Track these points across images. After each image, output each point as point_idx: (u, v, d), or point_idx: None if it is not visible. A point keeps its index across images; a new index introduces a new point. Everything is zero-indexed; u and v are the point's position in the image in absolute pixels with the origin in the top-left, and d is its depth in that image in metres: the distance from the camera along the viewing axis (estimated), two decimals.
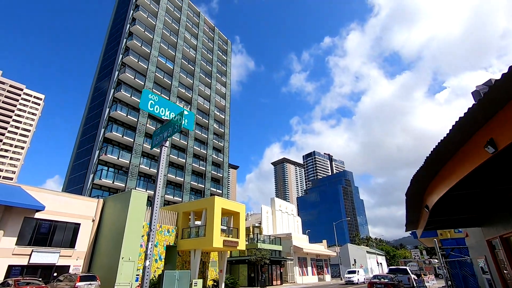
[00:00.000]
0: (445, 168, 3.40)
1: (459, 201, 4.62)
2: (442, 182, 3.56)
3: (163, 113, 5.04)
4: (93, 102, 40.15)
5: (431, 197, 4.29)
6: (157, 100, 5.02)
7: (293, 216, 55.54)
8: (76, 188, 32.42)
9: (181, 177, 41.84)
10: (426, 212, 4.65)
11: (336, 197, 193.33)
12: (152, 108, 4.87)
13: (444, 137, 2.81)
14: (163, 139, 4.83)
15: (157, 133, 5.28)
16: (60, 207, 22.51)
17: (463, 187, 3.47)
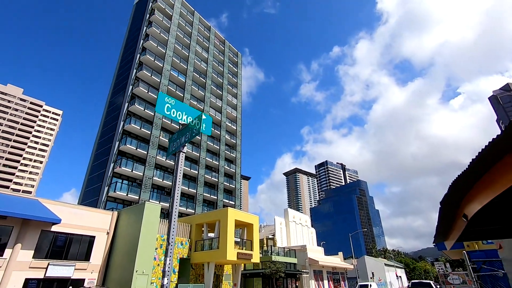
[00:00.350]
0: (492, 171, 3.06)
1: (503, 209, 4.21)
2: (488, 188, 3.22)
3: (180, 117, 4.87)
4: (108, 116, 41.09)
5: (471, 206, 3.91)
6: (173, 103, 4.88)
7: (307, 227, 54.34)
8: (91, 201, 32.83)
9: (194, 189, 41.82)
10: (463, 222, 4.25)
11: (350, 208, 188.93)
12: (168, 112, 4.71)
13: (495, 137, 2.50)
14: (180, 144, 4.64)
15: (174, 138, 5.10)
16: (75, 220, 22.70)
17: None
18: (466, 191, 3.83)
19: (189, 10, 54.44)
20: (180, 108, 5.00)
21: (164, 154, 39.63)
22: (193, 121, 4.67)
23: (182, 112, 5.02)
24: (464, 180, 3.34)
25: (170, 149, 5.19)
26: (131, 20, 51.50)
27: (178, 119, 4.88)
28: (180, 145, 4.65)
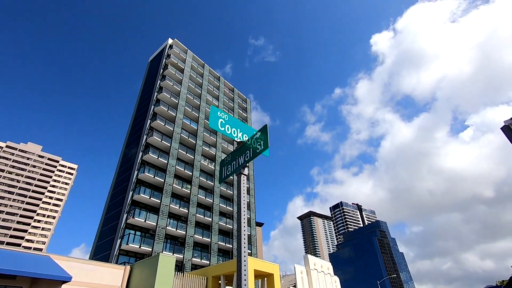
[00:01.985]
0: None
1: None
2: None
3: (235, 134, 4.45)
4: (122, 167, 41.55)
5: None
6: (227, 119, 4.49)
7: (330, 275, 50.17)
8: (103, 255, 31.53)
9: (208, 237, 40.04)
10: None
11: (372, 251, 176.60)
12: (223, 128, 4.27)
13: None
14: (240, 166, 4.10)
15: (227, 161, 4.56)
16: (86, 277, 21.45)
17: None
18: None
19: (199, 63, 58.08)
20: (235, 125, 4.57)
21: (177, 202, 38.88)
22: (249, 140, 4.16)
23: (237, 129, 4.55)
24: None
25: (224, 173, 4.58)
26: (146, 75, 54.99)
27: (233, 136, 4.44)
28: (240, 166, 4.11)
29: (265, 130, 3.88)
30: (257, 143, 3.94)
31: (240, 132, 4.46)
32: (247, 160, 3.95)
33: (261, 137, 3.93)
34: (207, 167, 46.37)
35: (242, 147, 4.23)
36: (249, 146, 4.06)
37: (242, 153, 4.13)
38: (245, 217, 3.38)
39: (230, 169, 4.32)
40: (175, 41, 53.98)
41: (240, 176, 3.87)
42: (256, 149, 3.90)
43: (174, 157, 41.14)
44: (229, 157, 4.49)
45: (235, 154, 4.33)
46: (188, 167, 42.85)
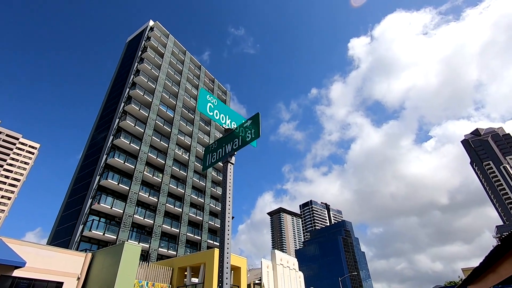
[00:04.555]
0: None
1: None
2: None
3: (223, 120, 4.17)
4: (90, 150, 39.43)
5: None
6: (216, 104, 4.19)
7: (295, 271, 51.41)
8: (63, 241, 29.85)
9: (177, 228, 39.29)
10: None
11: (336, 249, 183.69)
12: (211, 112, 3.96)
13: None
14: (227, 154, 3.83)
15: (213, 148, 4.27)
16: (42, 263, 20.14)
17: None
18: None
19: (181, 49, 56.29)
20: (224, 111, 4.29)
21: (147, 190, 37.67)
22: (237, 128, 3.91)
23: (226, 116, 4.27)
24: None
25: (208, 160, 4.25)
26: (123, 56, 52.36)
27: (222, 122, 4.15)
28: (227, 154, 3.85)
29: (257, 119, 3.69)
30: (247, 132, 3.73)
31: (229, 119, 4.23)
32: (235, 148, 3.72)
33: (251, 126, 3.72)
34: (181, 156, 45.31)
35: (230, 134, 3.99)
36: (238, 135, 3.83)
37: (230, 141, 3.89)
38: (230, 208, 3.19)
39: (216, 157, 4.06)
40: (156, 24, 51.79)
41: (227, 164, 3.64)
42: (246, 138, 3.69)
43: (147, 144, 39.70)
44: (215, 144, 4.24)
45: (222, 141, 4.08)
46: (161, 155, 41.60)
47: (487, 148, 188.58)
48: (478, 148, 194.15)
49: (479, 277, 6.11)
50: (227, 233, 2.94)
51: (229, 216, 3.12)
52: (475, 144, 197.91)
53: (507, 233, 3.67)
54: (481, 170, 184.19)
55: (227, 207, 3.16)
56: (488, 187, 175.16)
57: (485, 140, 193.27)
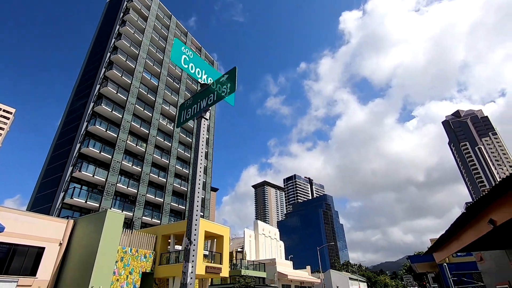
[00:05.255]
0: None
1: None
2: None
3: (199, 75, 3.93)
4: (69, 116, 37.91)
5: (502, 211, 3.54)
6: (192, 57, 3.93)
7: (276, 240, 53.71)
8: (43, 207, 29.45)
9: (161, 198, 39.50)
10: (487, 227, 3.89)
11: (316, 222, 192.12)
12: (186, 65, 3.70)
13: None
14: (202, 109, 3.65)
15: (188, 104, 4.07)
16: (22, 229, 19.94)
17: None
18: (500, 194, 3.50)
19: (166, 13, 53.20)
20: (200, 65, 4.02)
21: (130, 159, 37.14)
22: (213, 84, 3.69)
23: (202, 70, 4.01)
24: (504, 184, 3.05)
25: (183, 117, 4.05)
26: (102, 18, 48.99)
27: (197, 76, 3.91)
28: (201, 109, 3.67)
29: (234, 73, 3.49)
30: (223, 86, 3.54)
31: (205, 74, 3.97)
32: (210, 103, 3.55)
33: (227, 80, 3.53)
34: (165, 127, 44.48)
35: (206, 90, 3.78)
36: (214, 90, 3.64)
37: (205, 97, 3.69)
38: (201, 164, 3.08)
39: (190, 113, 3.87)
40: None
41: (200, 120, 3.47)
42: (222, 93, 3.51)
43: (130, 112, 38.52)
44: (190, 100, 4.03)
45: (197, 97, 3.87)
46: (144, 125, 40.64)
47: (465, 130, 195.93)
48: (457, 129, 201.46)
49: (443, 245, 6.51)
50: (197, 188, 2.86)
51: (200, 171, 3.03)
52: (454, 125, 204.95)
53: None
54: (458, 151, 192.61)
55: (199, 161, 3.05)
56: (463, 167, 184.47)
57: (464, 122, 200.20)
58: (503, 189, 3.46)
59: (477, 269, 10.10)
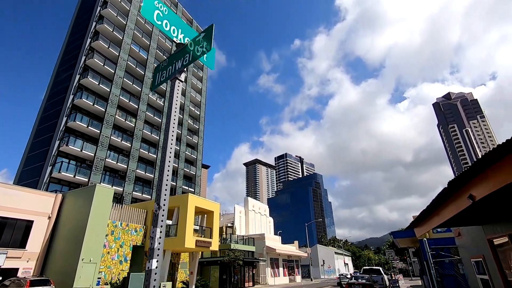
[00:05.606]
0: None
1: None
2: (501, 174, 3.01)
3: (174, 33, 3.63)
4: (54, 88, 36.56)
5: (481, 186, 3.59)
6: (166, 13, 3.60)
7: (266, 216, 55.02)
8: (30, 181, 29.09)
9: (151, 173, 39.47)
10: (466, 202, 3.96)
11: (306, 199, 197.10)
12: (159, 21, 3.36)
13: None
14: (176, 70, 3.45)
15: (163, 66, 3.82)
16: (9, 202, 19.78)
17: None
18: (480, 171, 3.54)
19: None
20: (175, 22, 3.68)
21: (119, 134, 36.54)
22: (190, 43, 3.42)
23: (178, 29, 3.64)
24: (487, 159, 3.08)
25: (158, 79, 3.79)
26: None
27: (172, 35, 3.60)
28: (176, 71, 3.45)
29: (210, 31, 3.21)
30: (199, 46, 3.29)
31: (182, 34, 3.62)
32: (185, 64, 3.30)
33: (204, 39, 3.28)
34: (155, 102, 43.54)
35: (182, 50, 3.50)
36: (189, 50, 3.38)
37: (181, 57, 3.42)
38: (174, 130, 2.93)
39: (165, 75, 3.61)
40: None
41: (175, 81, 3.26)
42: (197, 53, 3.27)
43: (118, 86, 37.36)
44: (165, 62, 3.76)
45: (173, 58, 3.59)
46: (133, 99, 39.65)
47: (454, 112, 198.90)
48: (446, 112, 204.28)
49: (424, 220, 6.72)
50: (168, 153, 2.74)
51: (172, 136, 2.91)
52: (444, 108, 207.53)
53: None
54: (446, 133, 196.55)
55: (171, 126, 2.90)
56: (449, 148, 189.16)
57: (454, 104, 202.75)
58: (483, 165, 3.49)
59: (454, 244, 10.58)
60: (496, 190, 3.49)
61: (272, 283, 38.84)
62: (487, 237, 7.54)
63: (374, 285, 19.30)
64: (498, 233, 6.93)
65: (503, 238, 6.75)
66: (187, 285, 25.91)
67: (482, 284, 8.68)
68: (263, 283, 37.91)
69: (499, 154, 3.03)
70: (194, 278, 25.98)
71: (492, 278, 7.87)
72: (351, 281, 19.33)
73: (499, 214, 6.82)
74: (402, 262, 69.17)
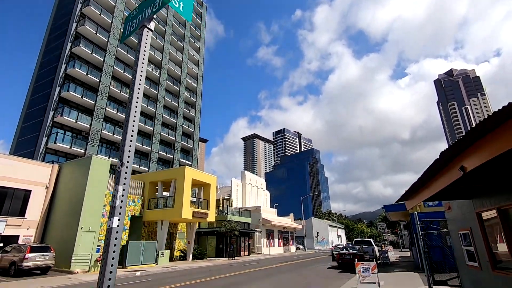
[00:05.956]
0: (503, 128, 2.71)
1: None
2: (493, 143, 2.92)
3: None
4: (46, 57, 35.38)
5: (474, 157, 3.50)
6: None
7: (262, 190, 56.03)
8: (26, 152, 29.02)
9: (148, 146, 39.46)
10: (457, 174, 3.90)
11: (302, 174, 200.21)
12: None
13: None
14: (145, 17, 3.20)
15: (133, 16, 3.52)
16: (6, 172, 19.86)
17: None
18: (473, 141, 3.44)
19: None
20: None
21: (115, 106, 36.02)
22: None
23: None
24: (481, 128, 2.96)
25: (127, 30, 3.54)
26: None
27: None
28: (144, 18, 3.19)
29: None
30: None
31: None
32: (155, 10, 3.02)
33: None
34: (151, 73, 42.48)
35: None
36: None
37: (151, 4, 3.14)
38: (141, 85, 2.70)
39: (135, 24, 3.35)
40: None
41: (143, 29, 3.00)
42: (161, 3, 2.98)
43: (111, 56, 36.21)
44: (136, 10, 3.44)
45: (143, 5, 3.26)
46: (128, 70, 38.61)
47: (455, 89, 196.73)
48: (447, 89, 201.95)
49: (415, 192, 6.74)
50: (134, 108, 2.58)
51: (139, 90, 2.73)
52: (445, 85, 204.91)
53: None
54: (445, 110, 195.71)
55: (138, 78, 2.71)
56: (447, 126, 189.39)
57: (455, 81, 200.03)
58: (478, 134, 3.38)
59: (444, 218, 10.82)
60: (488, 161, 3.42)
61: (267, 252, 40.39)
62: (476, 211, 7.65)
63: (364, 256, 20.04)
64: (487, 206, 7.00)
65: (491, 212, 6.83)
66: (185, 253, 26.87)
67: (468, 255, 8.95)
68: (259, 253, 39.42)
69: (497, 120, 2.91)
70: (191, 247, 26.88)
71: (477, 249, 8.10)
72: (342, 251, 20.05)
73: (488, 188, 6.85)
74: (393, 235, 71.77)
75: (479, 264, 7.84)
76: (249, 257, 31.80)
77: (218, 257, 30.40)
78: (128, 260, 19.78)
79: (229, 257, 28.33)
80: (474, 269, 8.28)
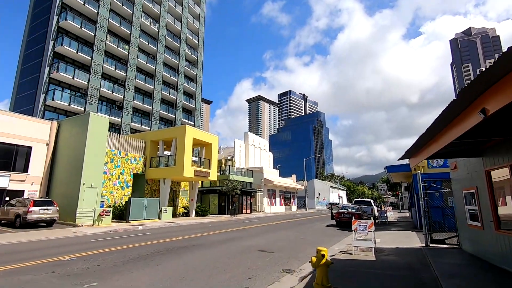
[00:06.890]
0: None
1: None
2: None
3: None
4: (36, 8, 33.32)
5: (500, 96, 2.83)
6: None
7: (265, 151, 56.12)
8: (26, 109, 28.66)
9: (149, 105, 38.78)
10: (477, 119, 3.27)
11: (307, 137, 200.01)
12: None
13: None
14: None
15: None
16: (7, 128, 19.68)
17: None
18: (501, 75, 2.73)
19: None
20: None
21: (112, 62, 34.69)
22: None
23: None
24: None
25: None
26: None
27: None
28: None
29: None
30: None
31: None
32: None
33: None
34: (149, 28, 40.22)
35: None
36: None
37: None
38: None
39: None
40: None
41: None
42: None
43: (106, 7, 33.97)
44: None
45: None
46: (125, 23, 36.51)
47: (472, 50, 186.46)
48: (463, 49, 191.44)
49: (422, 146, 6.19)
50: None
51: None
52: (462, 45, 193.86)
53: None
54: (458, 72, 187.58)
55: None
56: (459, 89, 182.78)
57: (473, 41, 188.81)
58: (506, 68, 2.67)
59: (448, 178, 10.38)
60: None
61: (268, 211, 41.59)
62: (485, 169, 7.14)
63: (363, 215, 20.23)
64: (499, 164, 6.46)
65: (503, 170, 6.31)
66: (188, 210, 27.61)
67: (470, 215, 8.64)
68: (260, 211, 40.60)
69: None
70: (194, 204, 27.53)
71: (481, 209, 7.74)
72: (341, 210, 20.24)
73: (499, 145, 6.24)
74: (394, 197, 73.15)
75: (482, 224, 7.56)
76: (250, 215, 32.72)
77: (220, 214, 31.31)
78: (131, 215, 20.29)
79: (231, 214, 29.11)
80: (476, 229, 8.04)
